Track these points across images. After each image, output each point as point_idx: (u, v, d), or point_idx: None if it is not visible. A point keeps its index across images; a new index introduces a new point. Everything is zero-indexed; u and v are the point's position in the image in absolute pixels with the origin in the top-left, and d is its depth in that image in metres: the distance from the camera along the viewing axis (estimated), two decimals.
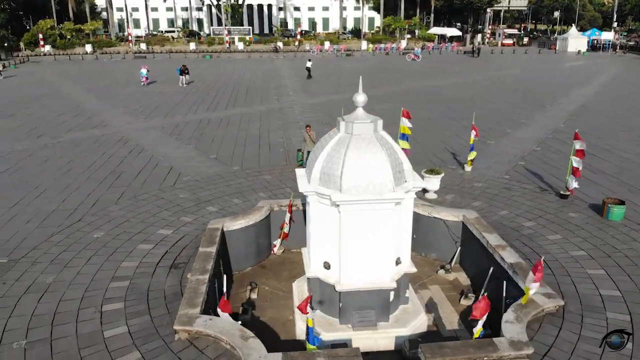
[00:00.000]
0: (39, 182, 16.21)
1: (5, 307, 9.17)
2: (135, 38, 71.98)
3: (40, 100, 32.25)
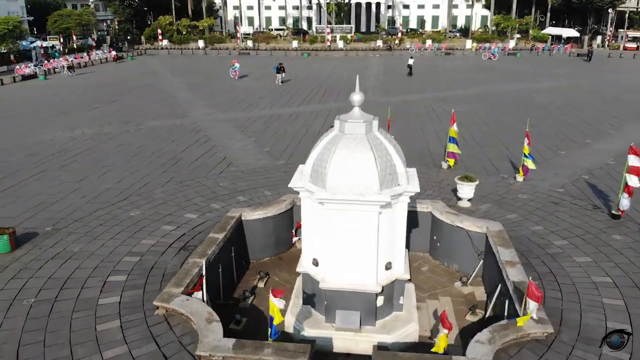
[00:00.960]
0: (108, 163, 18.03)
1: (31, 268, 10.47)
2: (244, 35, 75.90)
3: (141, 89, 35.52)
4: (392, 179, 9.08)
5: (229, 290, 11.59)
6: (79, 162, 18.15)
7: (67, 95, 33.42)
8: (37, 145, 20.61)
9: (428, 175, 15.99)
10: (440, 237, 12.97)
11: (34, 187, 15.53)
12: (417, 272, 12.59)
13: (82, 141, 21.35)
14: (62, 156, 19.03)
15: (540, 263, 10.57)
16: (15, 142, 21.17)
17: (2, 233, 11.27)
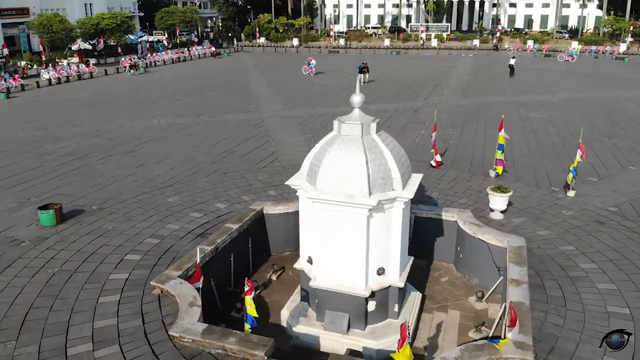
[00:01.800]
0: (169, 151, 19.40)
1: (66, 241, 11.67)
2: (337, 33, 76.74)
3: (227, 84, 37.45)
4: (386, 183, 8.91)
5: (242, 278, 12.05)
6: (144, 149, 19.71)
7: (160, 87, 36.18)
8: (115, 131, 22.69)
9: (471, 183, 15.30)
10: (463, 249, 12.43)
11: (97, 169, 17.18)
12: (435, 283, 12.19)
13: (155, 130, 23.10)
14: (132, 142, 20.77)
15: (555, 286, 9.75)
16: (99, 127, 23.47)
17: (48, 208, 12.68)
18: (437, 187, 15.10)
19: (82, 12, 55.80)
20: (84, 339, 8.21)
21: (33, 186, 15.65)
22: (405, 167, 9.38)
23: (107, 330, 8.43)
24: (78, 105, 29.72)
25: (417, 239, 12.99)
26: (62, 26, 44.79)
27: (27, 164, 17.99)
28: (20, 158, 18.79)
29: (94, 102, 30.75)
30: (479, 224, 11.98)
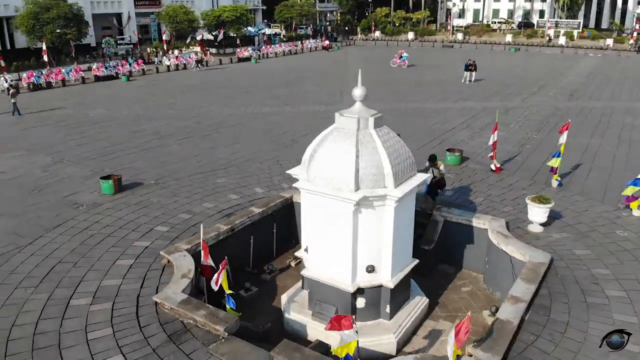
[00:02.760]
0: (241, 137, 20.52)
1: (114, 209, 13.06)
2: (456, 27, 73.82)
3: (323, 77, 38.22)
4: (376, 179, 8.73)
5: (264, 261, 12.56)
6: (219, 134, 21.06)
7: (262, 77, 38.05)
8: (203, 116, 24.50)
9: (526, 192, 14.08)
10: (490, 259, 11.67)
11: (171, 149, 18.80)
12: (454, 291, 11.64)
13: (238, 117, 24.50)
14: (213, 127, 22.28)
15: (564, 310, 8.78)
16: (191, 111, 25.50)
17: (109, 178, 14.25)
18: (486, 192, 14.19)
19: (209, 5, 60.28)
20: (87, 293, 9.25)
21: (114, 159, 17.63)
22: (404, 165, 9.07)
23: (109, 289, 9.40)
24: (184, 90, 32.44)
25: (446, 244, 12.46)
26: (186, 17, 48.97)
27: (117, 138, 20.27)
28: (115, 133, 21.21)
29: (199, 88, 33.31)
30: (505, 235, 11.13)
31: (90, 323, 8.42)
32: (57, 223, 12.27)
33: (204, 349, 7.76)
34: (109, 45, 44.76)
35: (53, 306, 8.87)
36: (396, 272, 9.49)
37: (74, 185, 14.92)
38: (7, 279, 9.73)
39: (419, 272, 11.95)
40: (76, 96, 30.73)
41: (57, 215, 12.79)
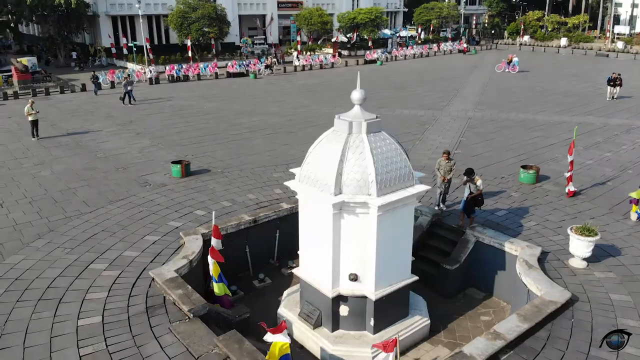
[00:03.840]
0: None
1: (174, 191, 14.40)
2: (618, 35, 65.28)
3: (440, 81, 36.92)
4: (360, 185, 8.50)
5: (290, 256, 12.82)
6: (304, 132, 21.69)
7: (378, 79, 38.07)
8: (300, 114, 25.46)
9: (595, 221, 12.27)
10: (515, 289, 10.48)
11: (254, 142, 19.95)
12: (471, 318, 10.78)
13: (331, 117, 24.77)
14: (302, 125, 23.07)
15: (556, 357, 7.61)
16: (292, 109, 26.66)
17: (178, 163, 15.70)
18: (545, 217, 12.68)
19: (349, 7, 61.61)
20: (106, 260, 10.46)
21: (201, 147, 19.30)
22: (395, 174, 8.66)
23: (125, 259, 10.51)
24: (300, 89, 33.92)
25: (477, 267, 11.51)
26: (320, 19, 50.80)
27: (213, 129, 22.13)
28: (214, 124, 23.14)
29: (313, 88, 34.53)
30: (530, 265, 9.91)
31: (95, 285, 9.54)
32: (121, 197, 13.95)
33: (166, 325, 8.34)
34: (246, 45, 48.44)
35: (74, 267, 10.21)
36: (383, 285, 9.08)
37: (155, 166, 16.71)
38: (54, 239, 11.42)
39: (442, 293, 11.31)
40: (202, 89, 33.95)
41: (125, 190, 14.53)
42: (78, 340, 7.98)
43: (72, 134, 21.51)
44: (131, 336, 8.11)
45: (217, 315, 8.93)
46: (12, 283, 9.59)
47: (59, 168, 16.80)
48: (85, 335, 8.12)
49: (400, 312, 9.71)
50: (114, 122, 23.84)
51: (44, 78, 36.81)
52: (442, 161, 12.62)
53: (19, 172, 16.44)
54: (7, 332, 8.18)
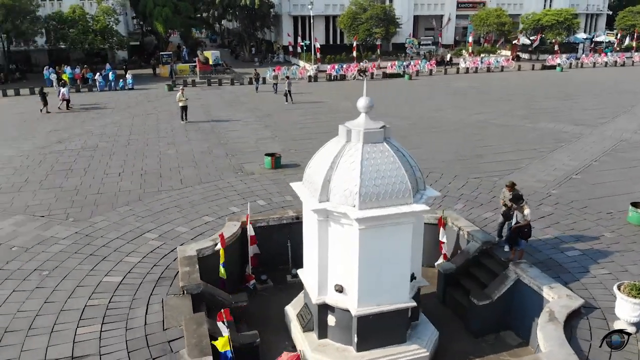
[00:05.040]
0: (445, 140, 20.10)
1: (254, 180, 15.55)
2: None
3: (616, 93, 31.70)
4: (347, 195, 8.31)
5: None
6: (418, 136, 21.10)
7: (544, 87, 34.42)
8: (425, 119, 24.67)
9: None
10: None
11: None
12: None
13: (458, 123, 23.69)
14: (419, 130, 22.42)
15: None
16: (423, 114, 25.97)
17: (270, 155, 16.78)
18: (627, 266, 10.40)
19: (540, 7, 56.11)
20: (160, 232, 11.94)
21: (307, 142, 20.16)
22: (386, 188, 8.20)
23: (174, 233, 11.86)
24: (448, 92, 32.74)
25: (516, 309, 10.15)
26: (497, 20, 47.46)
27: (327, 127, 22.72)
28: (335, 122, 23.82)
29: (463, 92, 32.94)
30: (553, 317, 8.40)
31: (135, 251, 11.01)
32: (211, 180, 15.59)
33: (162, 296, 9.32)
34: (411, 45, 48.01)
35: (132, 232, 11.91)
36: (369, 303, 8.67)
37: (258, 157, 17.96)
38: (135, 208, 13.40)
39: (469, 329, 10.27)
40: (346, 89, 34.95)
41: (219, 175, 16.16)
42: (92, 293, 9.44)
43: (214, 121, 24.42)
44: (132, 298, 9.29)
45: (212, 297, 9.61)
46: (82, 238, 11.66)
47: (184, 149, 19.35)
48: (100, 290, 9.54)
49: (393, 336, 9.12)
50: (254, 114, 26.25)
51: (224, 70, 42.08)
52: (505, 192, 11.22)
53: (152, 148, 19.45)
54: (51, 275, 10.06)
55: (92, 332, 8.31)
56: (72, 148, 19.74)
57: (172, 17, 44.71)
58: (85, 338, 8.17)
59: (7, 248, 11.17)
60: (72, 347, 7.95)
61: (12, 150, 19.38)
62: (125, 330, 8.40)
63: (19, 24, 34.35)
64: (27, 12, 35.09)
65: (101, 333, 8.30)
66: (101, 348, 7.95)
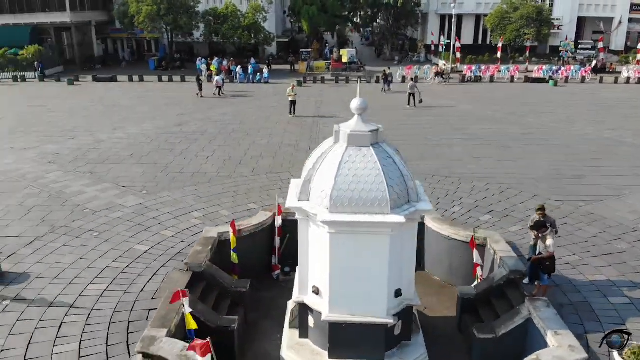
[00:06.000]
0: (533, 153, 18.16)
1: None
2: None
3: None
4: (321, 197, 8.17)
5: None
6: (521, 149, 19.14)
7: None
8: (545, 130, 22.22)
9: None
10: None
11: (445, 149, 19.06)
12: None
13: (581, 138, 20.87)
14: (529, 142, 20.34)
15: None
16: (547, 125, 23.43)
17: None
18: None
19: None
20: (205, 212, 12.92)
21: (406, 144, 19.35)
22: (360, 194, 7.85)
23: (215, 216, 12.74)
24: (591, 104, 28.97)
25: (527, 350, 8.87)
26: None
27: (434, 132, 21.98)
28: (438, 128, 22.84)
29: (609, 104, 28.78)
30: None
31: (173, 226, 12.13)
32: (277, 171, 16.30)
33: (170, 269, 10.16)
34: (566, 49, 42.98)
35: (182, 209, 13.09)
36: (341, 311, 8.38)
37: None
38: (200, 189, 14.63)
39: None
40: (479, 91, 32.88)
41: (289, 167, 16.75)
42: (118, 257, 10.68)
43: (319, 117, 25.18)
44: (145, 267, 10.32)
45: (213, 278, 10.16)
46: (141, 209, 13.15)
47: (275, 141, 20.36)
48: (127, 256, 10.74)
49: (369, 351, 8.63)
50: None
51: (358, 68, 42.64)
52: (535, 217, 9.77)
53: (249, 138, 20.83)
54: (98, 237, 11.61)
55: (97, 290, 9.46)
56: (185, 131, 22.10)
57: (317, 16, 46.66)
58: (89, 294, 9.34)
59: (81, 209, 13.14)
60: (76, 299, 9.16)
61: (136, 129, 22.42)
62: (123, 293, 9.41)
63: (177, 18, 39.22)
64: (186, 7, 39.97)
65: (104, 292, 9.41)
66: (96, 304, 9.02)
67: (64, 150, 18.85)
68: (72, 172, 16.25)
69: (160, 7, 38.56)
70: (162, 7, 38.62)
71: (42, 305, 8.90)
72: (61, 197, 14.02)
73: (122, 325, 8.48)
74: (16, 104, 29.20)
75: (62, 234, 11.69)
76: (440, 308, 10.92)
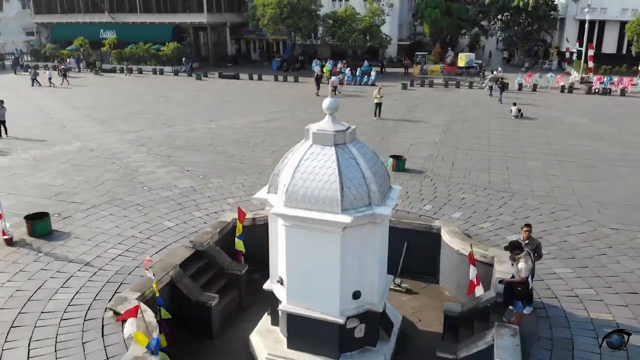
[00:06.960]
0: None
1: None
2: None
3: None
4: (282, 190, 8.52)
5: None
6: (556, 166, 17.05)
7: None
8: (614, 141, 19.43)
9: None
10: None
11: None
12: None
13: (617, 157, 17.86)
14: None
15: None
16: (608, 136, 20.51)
17: (394, 157, 16.61)
18: None
19: None
20: (238, 199, 13.88)
21: (467, 154, 18.85)
22: (311, 190, 8.09)
23: (239, 204, 13.61)
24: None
25: None
26: None
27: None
28: None
29: None
30: None
31: (204, 208, 13.27)
32: None
33: (178, 246, 11.24)
34: None
35: (221, 194, 14.24)
36: (297, 303, 8.66)
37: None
38: (249, 178, 15.67)
39: None
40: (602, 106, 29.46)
41: None
42: (145, 229, 12.07)
43: (402, 120, 24.89)
44: (161, 241, 11.52)
45: (213, 259, 11.01)
46: (188, 191, 14.53)
47: None
48: (155, 230, 12.03)
49: (325, 349, 8.77)
50: (450, 119, 25.42)
51: (476, 73, 40.69)
52: (522, 235, 8.88)
53: None
54: (142, 212, 13.17)
55: (112, 254, 10.83)
56: (270, 126, 23.51)
57: (440, 19, 45.53)
58: (105, 256, 10.76)
59: (142, 187, 14.96)
60: (93, 259, 10.63)
61: (228, 122, 24.43)
62: (131, 259, 10.68)
63: (297, 21, 41.21)
64: (308, 10, 41.78)
65: (117, 256, 10.78)
66: (105, 265, 10.42)
67: (157, 135, 21.40)
68: (154, 155, 18.45)
69: (283, 10, 40.98)
70: (284, 10, 41.00)
71: (64, 260, 10.54)
72: (133, 174, 16.10)
73: (114, 285, 9.71)
74: (146, 94, 33.52)
75: (114, 205, 13.50)
76: (435, 323, 10.51)
